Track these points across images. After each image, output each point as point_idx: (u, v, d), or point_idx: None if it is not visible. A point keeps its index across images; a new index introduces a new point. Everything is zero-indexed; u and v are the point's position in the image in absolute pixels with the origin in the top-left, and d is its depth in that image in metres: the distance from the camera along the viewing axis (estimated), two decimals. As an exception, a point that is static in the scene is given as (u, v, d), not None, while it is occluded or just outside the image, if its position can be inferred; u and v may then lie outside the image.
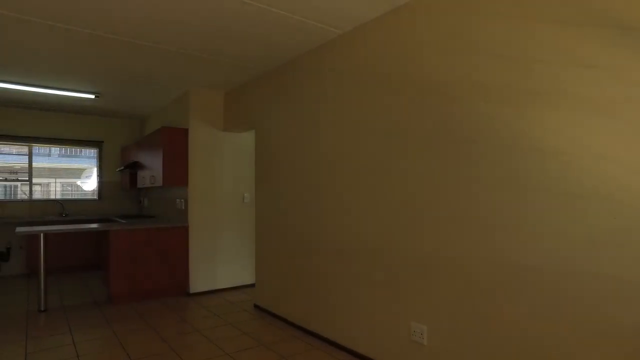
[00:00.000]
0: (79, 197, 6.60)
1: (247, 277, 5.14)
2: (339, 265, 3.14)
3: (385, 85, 2.76)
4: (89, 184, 6.69)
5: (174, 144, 4.70)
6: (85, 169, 6.64)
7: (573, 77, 1.81)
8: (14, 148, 6.08)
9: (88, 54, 3.63)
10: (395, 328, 2.67)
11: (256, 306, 4.24)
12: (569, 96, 1.82)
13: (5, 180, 6.01)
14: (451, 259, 2.32)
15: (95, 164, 6.74)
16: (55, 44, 3.39)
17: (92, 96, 5.10)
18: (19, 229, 4.02)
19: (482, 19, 2.18)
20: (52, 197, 6.37)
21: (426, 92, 2.48)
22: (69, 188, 6.53)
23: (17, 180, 6.08)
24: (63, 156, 6.49)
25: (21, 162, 6.11)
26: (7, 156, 6.01)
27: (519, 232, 2.00)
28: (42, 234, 4.13)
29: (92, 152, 6.71)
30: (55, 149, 6.41)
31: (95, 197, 6.72)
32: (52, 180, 6.37)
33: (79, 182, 6.59)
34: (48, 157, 6.35)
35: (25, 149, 6.15)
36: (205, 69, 4.07)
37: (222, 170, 4.97)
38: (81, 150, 6.63)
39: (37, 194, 6.24)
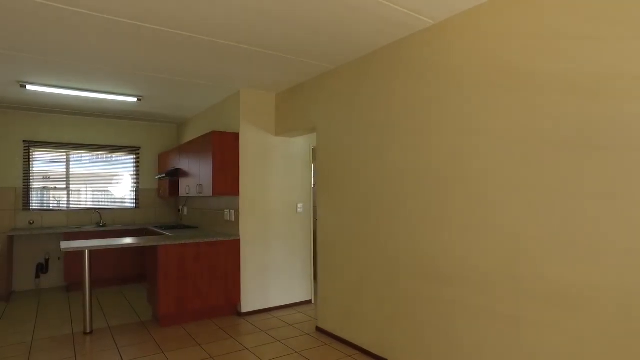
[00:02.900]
0: (115, 205, 6.31)
1: (300, 293, 4.73)
2: (437, 291, 2.69)
3: (503, 81, 2.30)
4: (124, 191, 6.39)
5: (225, 149, 4.33)
6: (117, 175, 6.34)
7: None
8: (48, 155, 5.82)
9: (132, 51, 3.28)
10: (517, 373, 2.21)
11: (318, 329, 3.82)
12: None
13: (44, 189, 5.76)
14: (621, 294, 1.85)
15: (132, 170, 6.45)
16: (95, 39, 3.04)
17: (135, 99, 4.78)
18: (64, 246, 3.71)
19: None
20: (85, 204, 6.07)
21: (556, 88, 2.01)
22: (102, 195, 6.23)
23: (55, 188, 5.82)
24: (95, 162, 6.20)
25: (55, 168, 5.85)
26: (41, 163, 5.75)
27: None
28: (87, 251, 3.81)
29: (127, 158, 6.42)
30: (87, 155, 6.12)
31: (132, 205, 6.43)
32: (85, 186, 6.07)
33: (111, 189, 6.29)
34: (81, 164, 6.06)
35: (61, 156, 5.89)
36: (260, 67, 3.68)
37: (274, 179, 4.58)
38: (112, 156, 6.32)
39: (72, 201, 5.97)
